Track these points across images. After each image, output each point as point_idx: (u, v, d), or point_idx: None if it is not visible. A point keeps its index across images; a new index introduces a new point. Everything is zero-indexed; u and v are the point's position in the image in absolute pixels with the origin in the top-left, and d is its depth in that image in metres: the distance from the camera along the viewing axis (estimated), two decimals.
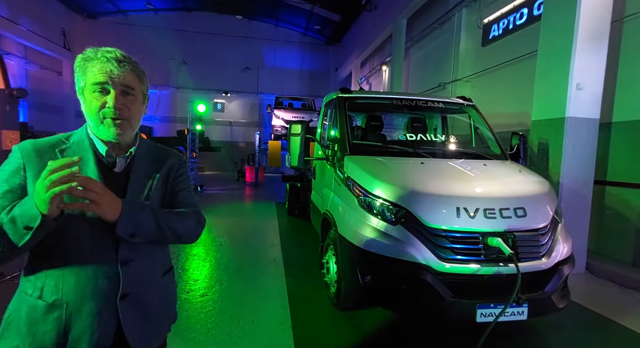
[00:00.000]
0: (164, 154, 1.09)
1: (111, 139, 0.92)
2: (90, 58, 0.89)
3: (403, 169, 2.54)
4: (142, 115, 0.99)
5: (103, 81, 0.88)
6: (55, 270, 0.87)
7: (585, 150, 3.81)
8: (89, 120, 0.92)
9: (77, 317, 0.86)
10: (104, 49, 0.91)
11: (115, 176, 0.95)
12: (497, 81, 6.25)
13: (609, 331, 2.63)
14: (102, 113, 0.89)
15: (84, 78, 0.90)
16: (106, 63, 0.89)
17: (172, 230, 0.96)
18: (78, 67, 0.91)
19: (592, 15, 3.63)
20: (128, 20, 16.31)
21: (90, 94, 0.90)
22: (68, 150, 0.92)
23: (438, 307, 2.01)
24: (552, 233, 2.25)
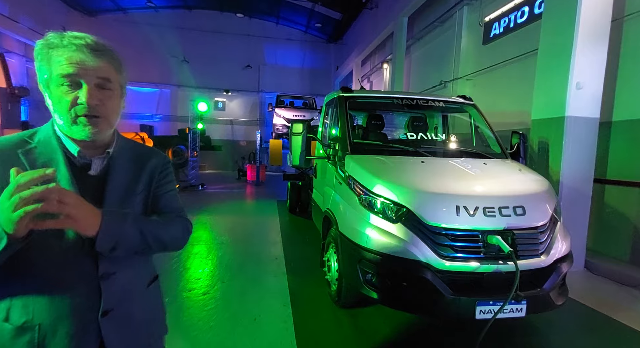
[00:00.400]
0: (146, 153, 0.98)
1: (85, 139, 0.81)
2: (55, 45, 0.76)
3: (403, 168, 2.56)
4: (120, 111, 0.88)
5: (72, 73, 0.76)
6: (24, 289, 0.77)
7: (585, 149, 3.83)
8: (58, 118, 0.80)
9: (51, 339, 0.76)
10: (70, 34, 0.78)
11: (90, 180, 0.84)
12: (497, 80, 6.26)
13: (607, 328, 2.66)
14: (74, 111, 0.77)
15: (48, 68, 0.77)
16: (75, 52, 0.76)
17: (157, 240, 0.86)
18: (39, 55, 0.77)
19: (592, 14, 3.64)
20: (128, 18, 16.28)
21: (57, 88, 0.77)
22: (33, 151, 0.79)
23: (438, 304, 2.04)
24: (551, 231, 2.28)
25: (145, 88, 16.55)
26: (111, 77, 0.82)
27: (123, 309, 0.86)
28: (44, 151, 0.80)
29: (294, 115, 12.43)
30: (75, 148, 0.83)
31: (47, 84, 0.79)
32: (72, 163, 0.82)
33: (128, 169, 0.91)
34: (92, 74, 0.78)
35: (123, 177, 0.89)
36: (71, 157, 0.83)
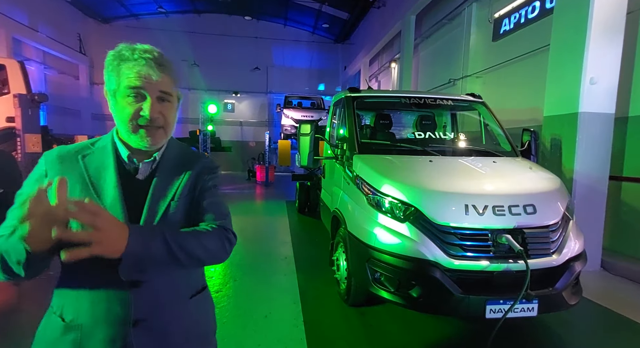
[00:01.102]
0: (193, 158, 0.97)
1: (142, 148, 0.85)
2: (126, 58, 0.80)
3: (411, 167, 2.56)
4: (176, 120, 0.91)
5: (139, 86, 0.79)
6: (74, 288, 0.80)
7: (600, 145, 3.74)
8: (119, 126, 0.85)
9: (87, 344, 0.78)
10: (140, 48, 0.82)
11: (137, 184, 0.86)
12: (508, 77, 6.15)
13: (624, 329, 2.60)
14: (135, 121, 0.81)
15: (117, 80, 0.81)
16: (144, 66, 0.80)
17: (191, 256, 0.81)
18: (110, 65, 0.81)
19: (606, 6, 3.55)
20: (140, 24, 16.66)
21: (123, 99, 0.81)
22: (91, 156, 0.85)
23: (447, 303, 2.04)
24: (563, 230, 2.24)
25: None
26: (170, 91, 0.85)
27: (157, 321, 0.82)
28: (99, 156, 0.85)
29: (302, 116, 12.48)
30: (126, 153, 0.86)
31: (113, 93, 0.83)
32: (123, 167, 0.86)
33: (173, 173, 0.91)
34: (155, 88, 0.81)
35: (167, 181, 0.89)
36: (123, 161, 0.87)
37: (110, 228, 0.66)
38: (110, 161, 0.85)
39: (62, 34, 13.29)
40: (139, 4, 15.36)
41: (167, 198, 0.88)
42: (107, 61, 0.82)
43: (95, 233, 0.63)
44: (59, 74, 13.96)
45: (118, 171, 0.85)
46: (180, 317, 0.88)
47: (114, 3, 15.01)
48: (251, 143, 17.77)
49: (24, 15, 11.34)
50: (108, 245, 0.66)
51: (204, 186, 0.95)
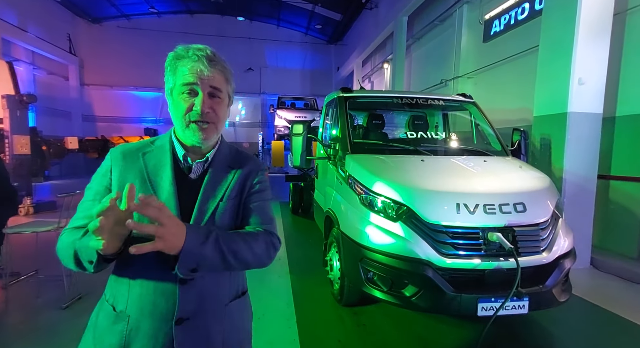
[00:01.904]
0: (243, 160, 0.98)
1: (195, 144, 0.87)
2: (181, 56, 0.83)
3: (403, 167, 2.57)
4: (227, 118, 0.93)
5: (192, 82, 0.82)
6: (126, 278, 0.82)
7: (588, 145, 3.80)
8: (175, 123, 0.88)
9: (135, 336, 0.79)
10: (194, 47, 0.84)
11: (189, 183, 0.88)
12: (498, 77, 6.24)
13: (614, 326, 2.64)
14: (188, 116, 0.84)
15: (173, 78, 0.84)
16: (197, 62, 0.82)
17: (239, 259, 0.82)
18: (169, 66, 0.85)
19: (593, 8, 3.62)
20: (132, 24, 16.52)
21: (178, 96, 0.84)
22: (150, 153, 0.89)
23: (440, 301, 2.05)
24: (552, 228, 2.27)
25: (149, 92, 16.73)
26: (222, 87, 0.87)
27: (199, 321, 0.83)
28: (157, 154, 0.89)
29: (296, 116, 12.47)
30: (182, 152, 0.89)
31: (170, 92, 0.87)
32: (178, 166, 0.89)
33: (223, 174, 0.92)
34: (206, 83, 0.83)
35: (217, 182, 0.91)
36: (178, 160, 0.89)
37: (172, 225, 0.69)
38: (167, 159, 0.88)
39: (52, 34, 13.10)
40: (131, 4, 15.23)
41: (216, 199, 0.89)
42: (167, 62, 0.85)
43: (160, 228, 0.67)
44: (48, 75, 13.76)
45: (174, 169, 0.87)
46: (221, 320, 0.88)
47: (105, 3, 14.86)
48: (244, 144, 17.69)
49: (13, 15, 11.15)
50: (169, 241, 0.69)
51: (252, 189, 0.96)
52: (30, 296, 2.80)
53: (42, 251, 3.07)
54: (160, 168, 0.86)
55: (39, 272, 2.92)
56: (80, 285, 2.79)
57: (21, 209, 5.80)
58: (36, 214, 5.96)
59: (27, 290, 2.88)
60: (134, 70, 16.30)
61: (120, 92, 16.53)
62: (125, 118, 16.51)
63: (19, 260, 3.09)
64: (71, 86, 14.97)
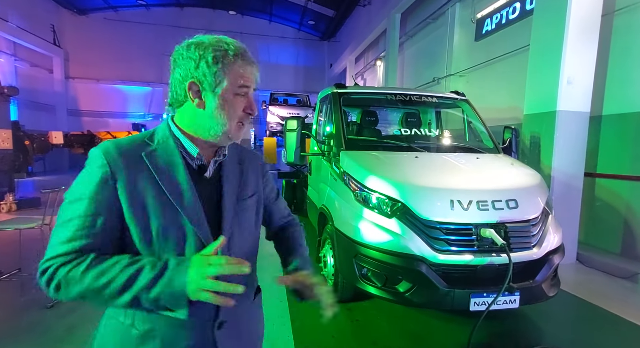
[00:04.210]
0: (246, 153, 0.97)
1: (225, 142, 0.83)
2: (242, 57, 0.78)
3: (398, 164, 2.58)
4: None
5: (250, 85, 0.80)
6: None
7: (576, 143, 3.89)
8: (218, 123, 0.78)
9: None
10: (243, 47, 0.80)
11: (206, 183, 0.82)
12: (490, 76, 6.31)
13: (600, 319, 2.72)
14: (241, 119, 0.81)
15: (226, 77, 0.76)
16: (254, 67, 0.81)
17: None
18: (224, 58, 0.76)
19: (582, 8, 3.68)
20: (119, 16, 16.08)
21: (231, 97, 0.78)
22: (154, 153, 0.77)
23: (433, 296, 2.06)
24: (542, 224, 2.31)
25: (136, 87, 16.37)
26: None
27: (235, 321, 0.83)
28: (163, 153, 0.78)
29: (288, 113, 12.36)
30: (195, 150, 0.80)
31: (222, 90, 0.77)
32: (190, 166, 0.80)
33: (237, 171, 0.90)
34: (253, 86, 0.83)
35: (235, 179, 0.88)
36: (187, 158, 0.80)
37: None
38: (177, 158, 0.79)
39: (35, 25, 12.66)
40: None
41: (239, 197, 0.87)
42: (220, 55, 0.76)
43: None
44: (31, 67, 13.31)
45: (187, 169, 0.79)
46: (248, 317, 0.90)
47: None
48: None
49: None
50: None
51: (266, 180, 1.00)
52: (13, 296, 2.71)
53: (25, 248, 2.97)
54: (172, 169, 0.76)
55: (22, 270, 2.83)
56: None
57: (3, 205, 5.62)
58: (19, 210, 5.78)
59: (10, 289, 2.79)
60: (121, 64, 15.90)
61: (107, 86, 16.11)
62: (112, 113, 16.12)
63: (1, 258, 2.99)
64: (55, 78, 14.52)
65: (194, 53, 0.76)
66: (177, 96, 0.79)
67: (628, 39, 3.90)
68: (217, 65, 0.76)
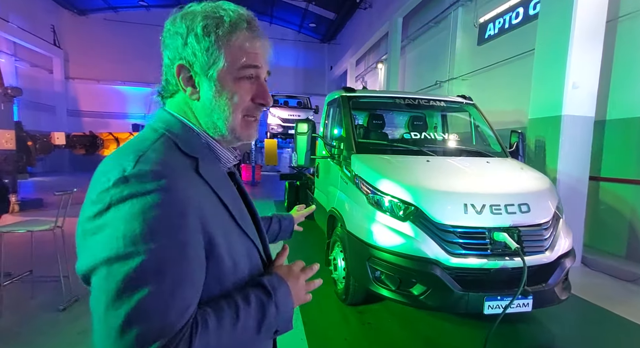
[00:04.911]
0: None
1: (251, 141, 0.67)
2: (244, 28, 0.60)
3: (410, 167, 2.60)
4: None
5: (260, 66, 0.62)
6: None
7: (581, 147, 3.93)
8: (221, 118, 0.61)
9: None
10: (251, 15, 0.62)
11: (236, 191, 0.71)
12: (493, 80, 6.36)
13: (607, 321, 2.74)
14: (246, 109, 0.63)
15: (226, 55, 0.58)
16: (263, 38, 0.62)
17: None
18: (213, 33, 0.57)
19: (587, 14, 3.73)
20: (119, 17, 16.06)
21: (234, 81, 0.60)
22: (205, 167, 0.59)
23: (448, 300, 2.08)
24: (554, 228, 2.34)
25: (137, 88, 16.34)
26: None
27: None
28: (211, 165, 0.62)
29: (289, 115, 12.39)
30: (229, 154, 0.68)
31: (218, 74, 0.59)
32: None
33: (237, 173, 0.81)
34: (266, 67, 0.64)
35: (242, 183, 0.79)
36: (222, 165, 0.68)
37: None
38: (221, 169, 0.67)
39: (35, 25, 12.62)
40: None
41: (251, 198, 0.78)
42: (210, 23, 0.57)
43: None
44: (31, 67, 13.26)
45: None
46: None
47: None
48: None
49: None
50: None
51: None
52: (25, 298, 2.70)
53: (37, 251, 2.96)
54: (224, 183, 0.64)
55: (33, 272, 2.82)
56: (76, 287, 2.71)
57: None
58: (22, 212, 5.74)
59: (22, 291, 2.78)
60: (121, 64, 15.87)
61: (107, 87, 16.06)
62: (112, 114, 16.07)
63: (12, 260, 2.97)
64: (55, 79, 14.47)
65: (181, 26, 0.59)
66: (168, 84, 0.63)
67: (631, 45, 3.96)
68: (208, 37, 0.58)
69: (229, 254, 0.57)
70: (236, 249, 0.60)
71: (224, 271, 0.57)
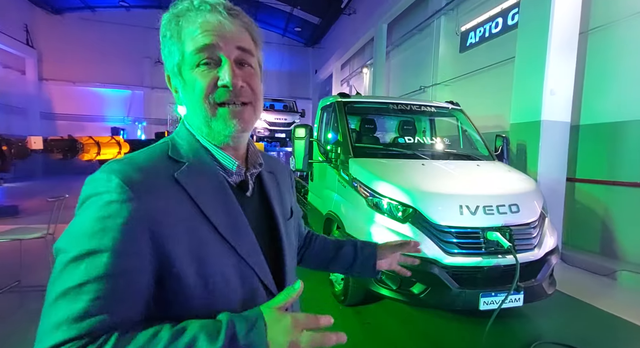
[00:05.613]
0: (275, 163, 0.79)
1: (229, 141, 0.59)
2: (185, 10, 0.55)
3: (407, 171, 2.70)
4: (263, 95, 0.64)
5: (210, 43, 0.54)
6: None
7: (559, 151, 4.19)
8: (192, 116, 0.58)
9: None
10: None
11: (249, 205, 0.63)
12: (474, 86, 6.64)
13: (587, 313, 2.94)
14: (213, 97, 0.56)
15: (179, 46, 0.56)
16: (211, 13, 0.55)
17: None
18: (168, 31, 0.56)
19: (562, 26, 4.00)
20: (97, 17, 15.55)
21: (191, 72, 0.56)
22: (188, 173, 0.55)
23: (446, 297, 2.18)
24: (541, 227, 2.50)
25: (115, 90, 15.85)
26: (253, 50, 0.60)
27: None
28: (200, 171, 0.57)
29: (276, 118, 12.39)
30: (232, 162, 0.61)
31: (178, 70, 0.57)
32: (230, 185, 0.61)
33: (273, 184, 0.71)
34: (231, 44, 0.56)
35: (276, 195, 0.70)
36: (225, 175, 0.61)
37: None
38: (219, 177, 0.59)
39: (6, 24, 12.02)
40: None
41: (285, 218, 0.69)
42: (163, 26, 0.57)
43: None
44: (2, 68, 12.58)
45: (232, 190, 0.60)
46: None
47: None
48: None
49: None
50: None
51: (294, 195, 0.84)
52: (12, 309, 2.58)
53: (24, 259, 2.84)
54: (216, 193, 0.57)
55: (21, 283, 2.71)
56: None
57: None
58: None
59: (9, 302, 2.65)
60: (99, 66, 15.35)
61: (84, 89, 15.48)
62: (89, 116, 15.48)
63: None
64: (28, 80, 13.81)
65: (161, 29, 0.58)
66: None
67: (601, 55, 4.27)
68: (165, 37, 0.57)
69: (197, 272, 0.51)
70: (214, 267, 0.53)
71: (187, 292, 0.50)
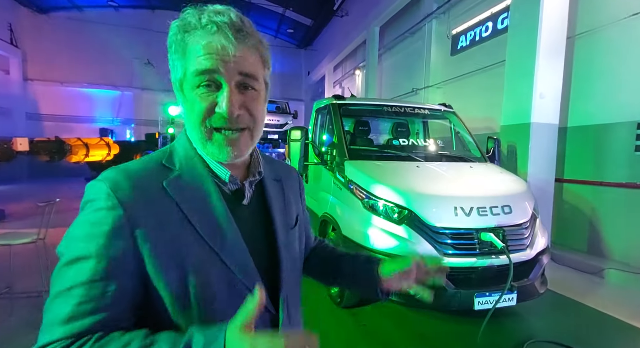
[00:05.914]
0: (277, 165, 0.77)
1: (223, 161, 0.60)
2: (192, 27, 0.54)
3: (402, 173, 2.73)
4: (265, 117, 0.64)
5: (212, 68, 0.53)
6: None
7: (547, 152, 4.29)
8: (191, 133, 0.59)
9: None
10: (211, 9, 0.55)
11: (244, 214, 0.63)
12: (465, 88, 6.75)
13: (574, 310, 3.02)
14: (209, 122, 0.56)
15: (183, 63, 0.55)
16: (216, 35, 0.53)
17: None
18: (174, 43, 0.56)
19: (550, 31, 4.11)
20: (84, 17, 15.25)
21: (191, 91, 0.56)
22: (179, 181, 0.57)
23: (442, 298, 2.21)
24: (532, 227, 2.55)
25: (104, 90, 15.57)
26: (257, 73, 0.58)
27: None
28: (191, 180, 0.58)
29: (268, 119, 12.36)
30: (225, 172, 0.61)
31: (180, 85, 0.57)
32: (224, 192, 0.61)
33: (277, 191, 0.70)
34: (233, 69, 0.54)
35: (279, 204, 0.69)
36: (219, 183, 0.61)
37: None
38: (210, 186, 0.59)
39: None
40: None
41: (287, 229, 0.69)
42: (170, 36, 0.56)
43: None
44: None
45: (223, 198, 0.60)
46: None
47: None
48: None
49: None
50: None
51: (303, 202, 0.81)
52: (3, 316, 2.51)
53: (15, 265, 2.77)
54: (205, 201, 0.57)
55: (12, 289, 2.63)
56: None
57: None
58: None
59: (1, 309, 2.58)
60: (87, 66, 15.06)
61: (71, 89, 15.15)
62: (77, 118, 15.17)
63: None
64: (13, 80, 13.45)
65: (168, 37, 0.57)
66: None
67: (586, 59, 4.39)
68: (173, 45, 0.56)
69: (180, 278, 0.52)
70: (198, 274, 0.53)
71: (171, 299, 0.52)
